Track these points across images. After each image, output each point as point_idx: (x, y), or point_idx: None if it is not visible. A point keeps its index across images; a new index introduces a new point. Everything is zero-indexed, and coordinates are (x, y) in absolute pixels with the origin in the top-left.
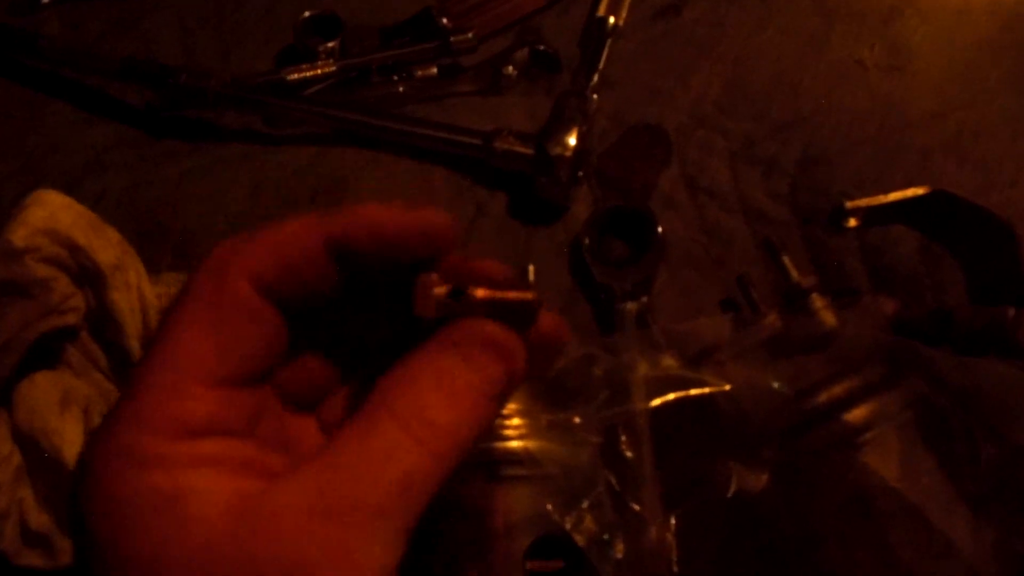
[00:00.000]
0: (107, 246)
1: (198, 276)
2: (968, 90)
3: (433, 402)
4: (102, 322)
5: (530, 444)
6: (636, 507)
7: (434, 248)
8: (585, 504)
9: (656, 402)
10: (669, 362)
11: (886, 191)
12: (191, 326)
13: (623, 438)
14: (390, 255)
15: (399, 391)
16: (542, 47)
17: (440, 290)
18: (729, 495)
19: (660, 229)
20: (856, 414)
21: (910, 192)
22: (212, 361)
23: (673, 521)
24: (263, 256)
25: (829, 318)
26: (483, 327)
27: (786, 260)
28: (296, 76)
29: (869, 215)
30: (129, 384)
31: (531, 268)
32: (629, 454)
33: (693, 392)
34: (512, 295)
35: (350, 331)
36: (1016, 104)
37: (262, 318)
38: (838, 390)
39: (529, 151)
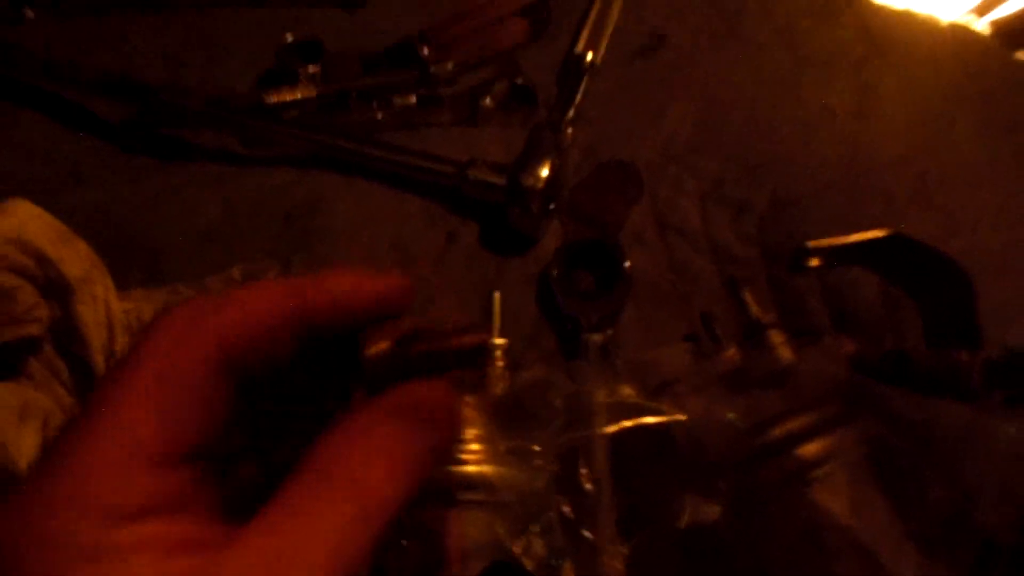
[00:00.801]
0: (76, 258)
1: (151, 341)
2: (934, 138)
3: (382, 474)
4: (67, 335)
5: (487, 469)
6: (588, 535)
7: (394, 311)
8: (536, 529)
9: (612, 428)
10: (627, 391)
11: (851, 233)
12: (136, 399)
13: (582, 466)
14: (352, 320)
15: (345, 461)
16: (520, 80)
17: (386, 344)
18: (683, 526)
19: (628, 264)
20: (808, 449)
21: (870, 234)
22: (156, 441)
23: (625, 551)
24: (228, 327)
25: (786, 353)
26: (431, 392)
27: (747, 296)
28: (276, 99)
29: (831, 256)
30: (55, 455)
31: (496, 296)
32: (588, 484)
33: (649, 420)
34: (463, 340)
35: (284, 395)
36: (979, 153)
37: (215, 395)
38: (792, 425)
39: (502, 181)
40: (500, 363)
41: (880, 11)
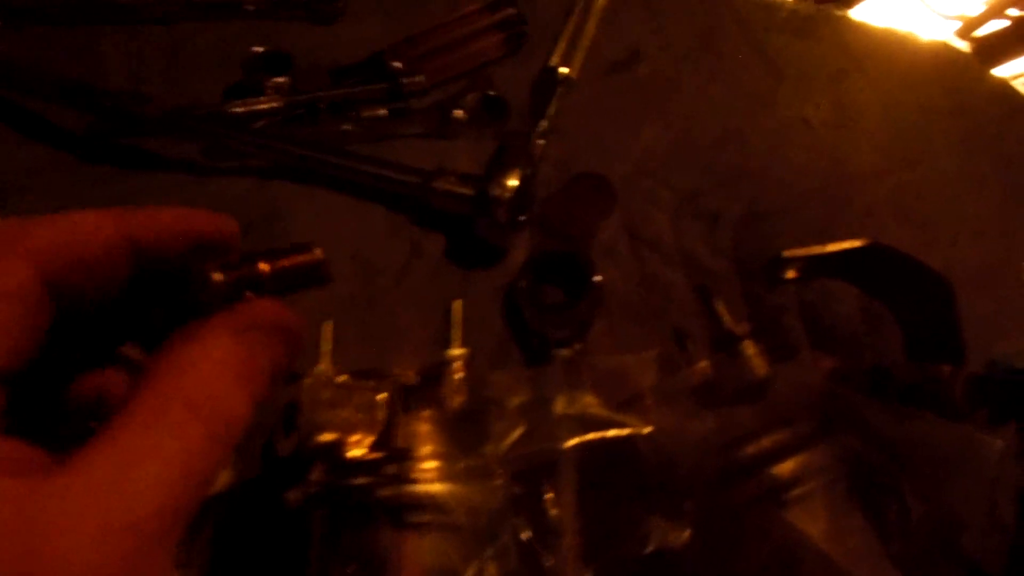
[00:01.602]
0: None
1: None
2: (912, 151)
3: (226, 391)
4: None
5: (439, 488)
6: (548, 561)
7: (224, 247)
8: (490, 552)
9: (573, 442)
10: (590, 400)
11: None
12: None
13: (544, 485)
14: (183, 253)
15: (188, 378)
16: (492, 93)
17: (223, 274)
18: (648, 551)
19: (598, 278)
20: (784, 468)
21: (847, 244)
22: None
23: None
24: (55, 244)
25: (760, 366)
26: (270, 309)
27: (719, 306)
28: (241, 109)
29: (807, 267)
30: None
31: (456, 305)
32: (552, 508)
33: (612, 433)
34: (298, 260)
35: (117, 326)
36: (957, 166)
37: (40, 311)
38: (767, 442)
39: (469, 191)
40: (459, 375)
41: (860, 28)
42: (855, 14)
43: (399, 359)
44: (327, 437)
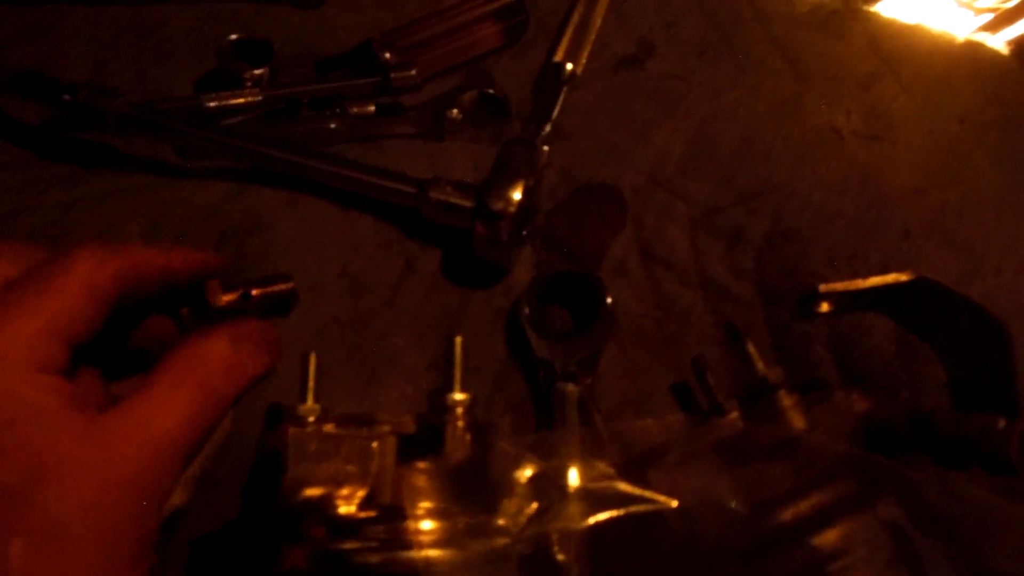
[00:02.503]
0: None
1: (74, 260)
2: (951, 165)
3: (221, 374)
4: None
5: (439, 554)
6: None
7: (218, 274)
8: None
9: (590, 521)
10: (605, 469)
11: (861, 271)
12: (59, 294)
13: (555, 567)
14: (192, 278)
15: (200, 366)
16: (491, 91)
17: (227, 296)
18: None
19: (609, 300)
20: (826, 538)
21: (890, 278)
22: (60, 326)
23: None
24: (123, 269)
25: (798, 420)
26: (262, 328)
27: (751, 348)
28: (215, 104)
29: (843, 301)
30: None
31: (458, 341)
32: (560, 554)
33: (633, 509)
34: (278, 288)
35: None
36: (1002, 183)
37: (100, 310)
38: (805, 507)
39: (468, 203)
40: (460, 423)
41: (889, 25)
42: (882, 8)
43: (390, 390)
44: (313, 492)
